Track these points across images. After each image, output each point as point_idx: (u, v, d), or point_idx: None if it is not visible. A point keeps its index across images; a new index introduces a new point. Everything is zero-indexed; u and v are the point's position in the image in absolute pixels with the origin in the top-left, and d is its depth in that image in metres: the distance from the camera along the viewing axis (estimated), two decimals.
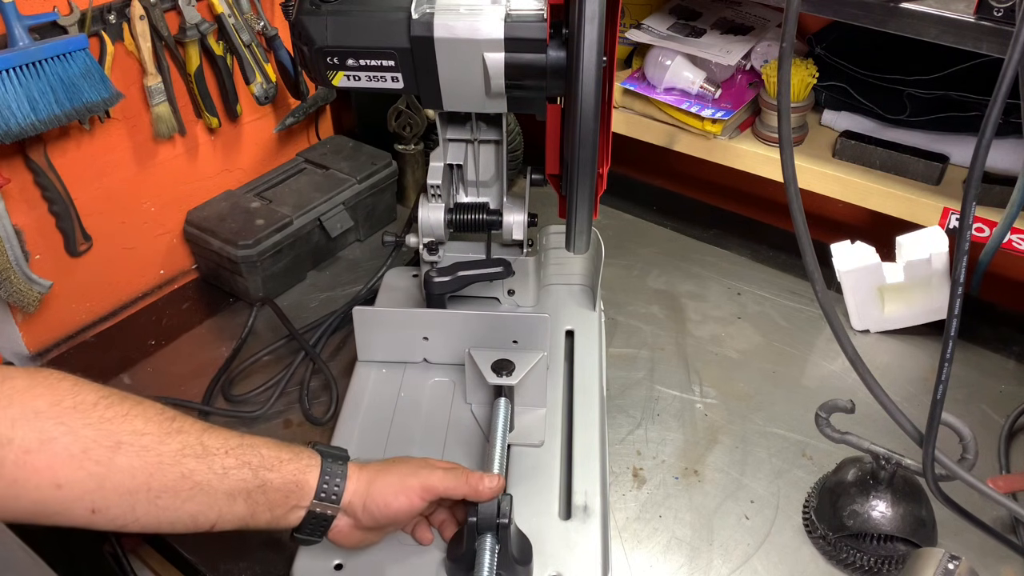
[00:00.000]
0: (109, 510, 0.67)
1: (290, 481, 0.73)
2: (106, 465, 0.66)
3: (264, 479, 0.72)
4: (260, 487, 0.71)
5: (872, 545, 0.85)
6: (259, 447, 0.73)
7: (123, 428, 0.68)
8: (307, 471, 0.74)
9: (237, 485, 0.70)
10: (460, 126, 0.95)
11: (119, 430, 0.67)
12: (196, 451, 0.70)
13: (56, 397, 0.66)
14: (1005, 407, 1.03)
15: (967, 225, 0.64)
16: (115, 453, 0.66)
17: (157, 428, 0.69)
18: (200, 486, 0.69)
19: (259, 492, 0.71)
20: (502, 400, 0.90)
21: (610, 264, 1.14)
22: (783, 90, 0.70)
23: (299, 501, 0.74)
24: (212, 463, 0.70)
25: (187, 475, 0.69)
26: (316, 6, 0.78)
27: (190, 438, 0.70)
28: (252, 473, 0.71)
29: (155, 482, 0.68)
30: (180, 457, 0.69)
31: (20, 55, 0.95)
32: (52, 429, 0.64)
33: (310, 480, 0.74)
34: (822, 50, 1.19)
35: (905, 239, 1.08)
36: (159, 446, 0.68)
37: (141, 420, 0.69)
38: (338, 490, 0.75)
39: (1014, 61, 0.60)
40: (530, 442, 0.93)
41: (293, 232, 1.21)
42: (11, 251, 1.02)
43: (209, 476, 0.69)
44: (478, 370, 0.93)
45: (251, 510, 0.72)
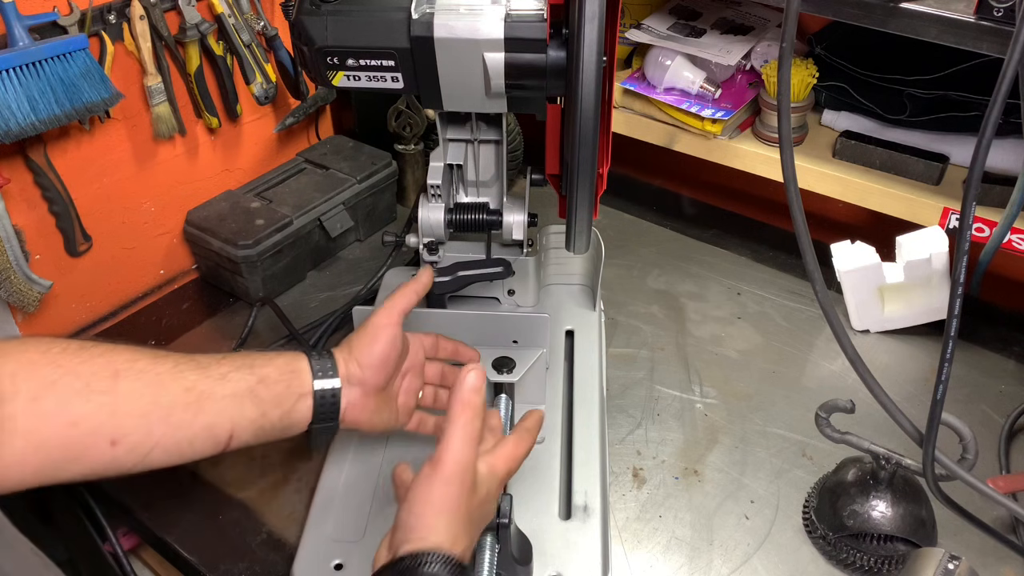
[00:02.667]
0: (128, 437, 0.67)
1: (286, 370, 0.75)
2: (111, 393, 0.67)
3: (262, 374, 0.74)
4: (261, 381, 0.73)
5: (872, 545, 0.85)
6: (250, 354, 0.76)
7: (115, 359, 0.69)
8: (297, 359, 0.77)
9: (239, 385, 0.72)
10: (460, 126, 0.95)
11: (113, 360, 0.69)
12: (190, 365, 0.72)
13: (44, 347, 0.67)
14: (1005, 407, 1.03)
15: (967, 225, 0.64)
16: (116, 380, 0.68)
17: (147, 355, 0.71)
18: (206, 394, 0.71)
19: (262, 387, 0.73)
20: (503, 398, 0.90)
21: (610, 264, 1.14)
22: (783, 90, 0.70)
23: (301, 387, 0.76)
24: (209, 371, 0.72)
25: (190, 387, 0.70)
26: (316, 6, 0.78)
27: (180, 357, 0.73)
28: (249, 371, 0.73)
29: (162, 398, 0.69)
30: (177, 372, 0.71)
31: (20, 55, 0.95)
32: (51, 373, 0.66)
33: (303, 365, 0.76)
34: (822, 50, 1.19)
35: (905, 239, 1.08)
36: (154, 367, 0.70)
37: (128, 352, 0.71)
38: (331, 365, 0.77)
39: (1014, 61, 0.61)
40: None
41: (293, 232, 1.21)
42: (11, 251, 1.02)
43: (210, 383, 0.71)
44: None
45: (260, 409, 0.73)
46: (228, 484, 0.95)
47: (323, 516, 0.86)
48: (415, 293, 0.84)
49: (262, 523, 0.91)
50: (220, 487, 0.95)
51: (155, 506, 0.93)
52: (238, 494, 0.94)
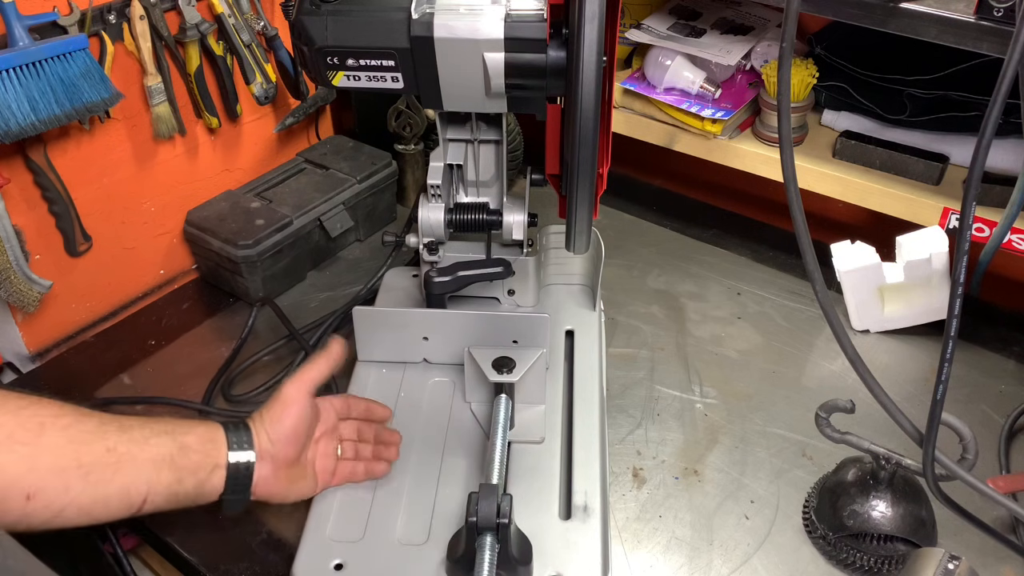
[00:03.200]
0: (44, 492, 0.67)
1: (205, 439, 0.77)
2: (33, 445, 0.67)
3: (182, 442, 0.75)
4: (181, 450, 0.75)
5: (872, 545, 0.85)
6: (170, 420, 0.78)
7: (44, 411, 0.70)
8: (216, 430, 0.79)
9: (160, 451, 0.74)
10: (460, 126, 0.95)
11: (41, 413, 0.69)
12: (115, 426, 0.73)
13: None
14: (1005, 407, 1.03)
15: (967, 225, 0.64)
16: (40, 434, 0.68)
17: (72, 411, 0.72)
18: (126, 457, 0.72)
19: (181, 455, 0.75)
20: (503, 397, 0.91)
21: (610, 264, 1.14)
22: (783, 90, 0.70)
23: (217, 458, 0.77)
24: (132, 434, 0.73)
25: (112, 448, 0.71)
26: (316, 6, 0.78)
27: (105, 416, 0.73)
28: (171, 438, 0.75)
29: (83, 457, 0.69)
30: (101, 432, 0.71)
31: (20, 55, 0.95)
32: None
33: (220, 436, 0.78)
34: (822, 50, 1.19)
35: (905, 239, 1.08)
36: (79, 424, 0.71)
37: (55, 406, 0.71)
38: (247, 436, 0.79)
39: (1014, 61, 0.60)
40: (531, 439, 0.93)
41: (293, 232, 1.21)
42: (11, 251, 1.02)
43: (131, 447, 0.72)
44: (478, 368, 0.93)
45: (177, 476, 0.74)
46: None
47: (323, 516, 0.86)
48: (326, 365, 0.86)
49: (262, 523, 0.91)
50: None
51: None
52: None
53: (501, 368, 0.91)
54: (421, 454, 0.93)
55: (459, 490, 0.88)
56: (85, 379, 1.10)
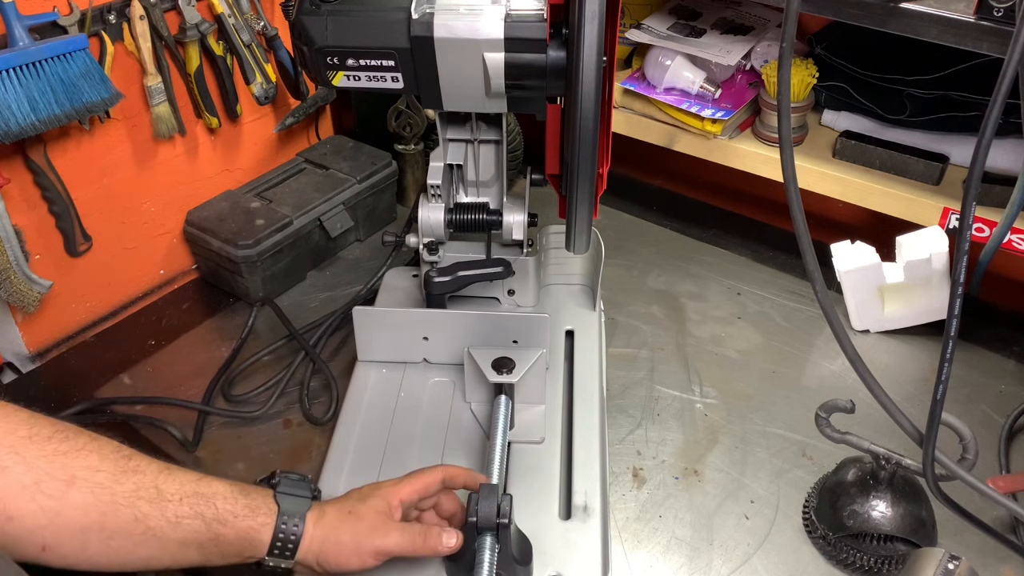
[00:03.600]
0: (60, 547, 0.65)
1: (243, 538, 0.71)
2: (59, 499, 0.64)
3: (217, 532, 0.70)
4: (213, 539, 0.70)
5: (872, 545, 0.85)
6: (215, 498, 0.71)
7: (78, 463, 0.66)
8: (262, 530, 0.72)
9: (190, 535, 0.69)
10: (460, 126, 0.95)
11: (74, 464, 0.65)
12: (150, 494, 0.68)
13: (11, 426, 0.64)
14: (1005, 407, 1.03)
15: (967, 225, 0.64)
16: (69, 488, 0.65)
17: (112, 466, 0.67)
18: (153, 531, 0.67)
19: (212, 544, 0.70)
20: (502, 398, 0.90)
21: (610, 264, 1.14)
22: (783, 90, 0.70)
23: (252, 554, 0.72)
24: (165, 509, 0.68)
25: (140, 519, 0.67)
26: (316, 6, 0.78)
27: (145, 479, 0.68)
28: (205, 525, 0.69)
29: (108, 522, 0.66)
30: (134, 499, 0.67)
31: (20, 55, 0.95)
32: (4, 458, 0.63)
33: (264, 538, 0.72)
34: (822, 50, 1.19)
35: (905, 239, 1.08)
36: (114, 484, 0.67)
37: (96, 456, 0.67)
38: (292, 548, 0.73)
39: (1014, 61, 0.60)
40: (531, 439, 0.93)
41: (293, 232, 1.21)
42: (11, 251, 1.02)
43: (162, 523, 0.68)
44: (478, 368, 0.93)
45: (204, 558, 0.71)
46: None
47: None
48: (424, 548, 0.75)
49: None
50: None
51: None
52: None
53: (501, 368, 0.91)
54: (421, 454, 0.93)
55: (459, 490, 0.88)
56: (85, 379, 1.10)
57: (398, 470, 0.90)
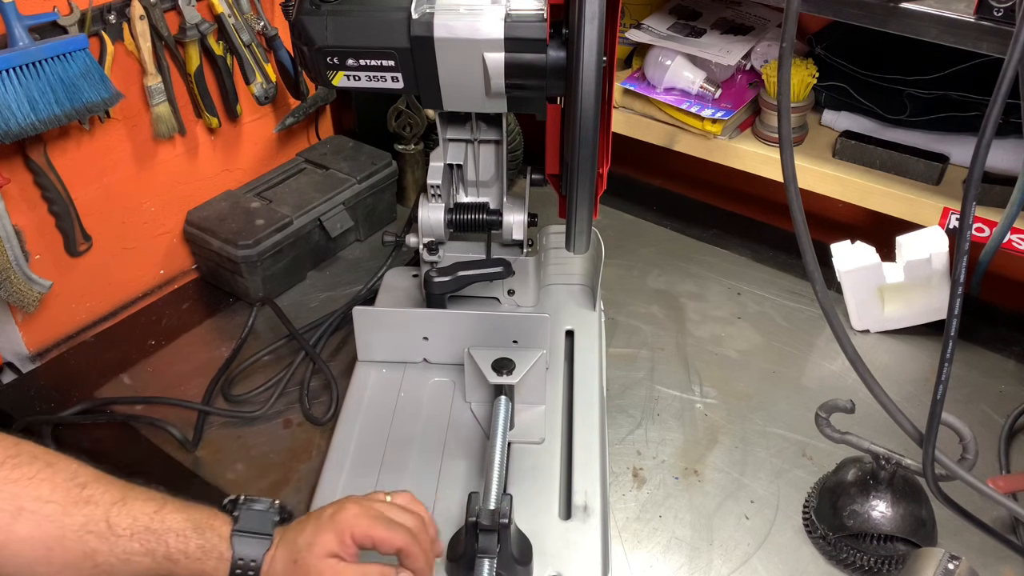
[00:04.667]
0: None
1: (197, 571, 0.68)
2: (5, 532, 0.62)
3: (168, 571, 0.68)
4: (168, 564, 0.67)
5: (872, 545, 0.85)
6: (167, 535, 0.68)
7: (27, 493, 0.64)
8: (220, 562, 0.69)
9: (140, 573, 0.67)
10: (460, 126, 0.95)
11: (23, 494, 0.64)
12: (100, 529, 0.66)
13: None
14: (1005, 407, 1.03)
15: (967, 225, 0.64)
16: (15, 520, 0.63)
17: (63, 496, 0.65)
18: (102, 568, 0.66)
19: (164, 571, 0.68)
20: (502, 399, 0.90)
21: (610, 264, 1.14)
22: (783, 90, 0.70)
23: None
24: (115, 546, 0.66)
25: (89, 555, 0.65)
26: (316, 6, 0.78)
27: (97, 511, 0.66)
28: (155, 563, 0.67)
29: (55, 556, 0.64)
30: (83, 533, 0.65)
31: (20, 55, 0.95)
32: None
33: (222, 568, 0.69)
34: (822, 50, 1.19)
35: (905, 239, 1.08)
36: (63, 517, 0.64)
37: (48, 486, 0.65)
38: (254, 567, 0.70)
39: (1014, 61, 0.60)
40: (530, 439, 0.93)
41: (293, 232, 1.21)
42: (11, 251, 1.02)
43: (111, 559, 0.66)
44: (478, 369, 0.93)
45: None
46: (228, 484, 0.95)
47: None
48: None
49: None
50: (220, 487, 0.95)
51: None
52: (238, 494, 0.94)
53: (501, 370, 0.91)
54: (421, 454, 0.93)
55: (459, 490, 0.88)
56: (85, 379, 1.10)
57: (398, 470, 0.90)
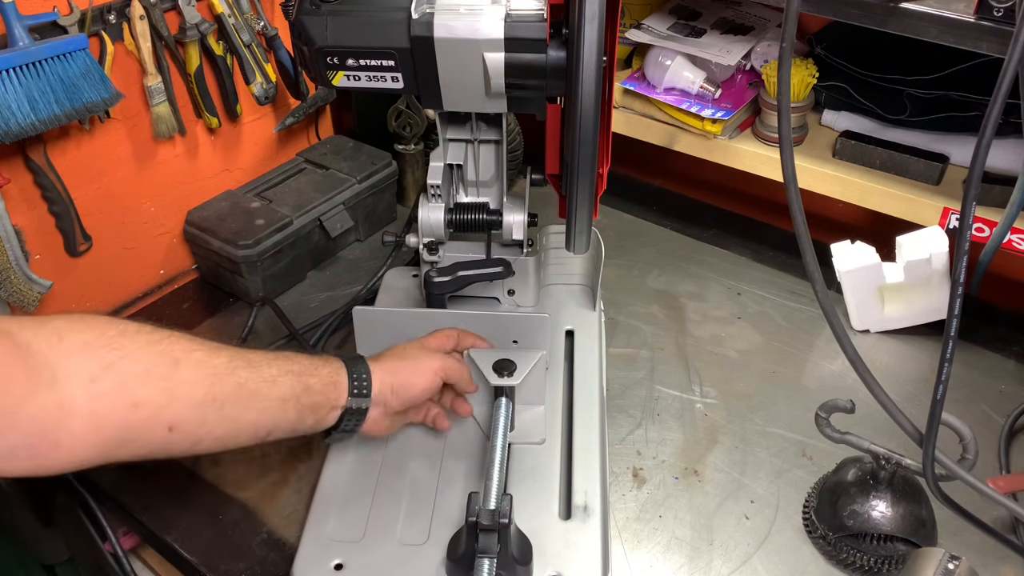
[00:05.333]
0: (185, 424, 0.70)
1: (328, 383, 0.80)
2: (171, 379, 0.69)
3: (307, 383, 0.78)
4: (306, 390, 0.78)
5: (872, 545, 0.85)
6: (295, 358, 0.79)
7: (174, 347, 0.71)
8: (339, 373, 0.81)
9: (286, 391, 0.76)
10: (460, 126, 0.95)
11: (172, 348, 0.70)
12: (243, 362, 0.74)
13: (100, 329, 0.68)
14: (1005, 407, 1.03)
15: (967, 225, 0.64)
16: (176, 368, 0.69)
17: (202, 345, 0.73)
18: (256, 394, 0.74)
19: (305, 395, 0.78)
20: (503, 400, 0.90)
21: (610, 264, 1.14)
22: (783, 90, 0.70)
23: (336, 401, 0.81)
24: (261, 372, 0.75)
25: (243, 383, 0.73)
26: (316, 6, 0.78)
27: (233, 352, 0.75)
28: (296, 379, 0.77)
29: (218, 391, 0.71)
30: (232, 368, 0.73)
31: (20, 55, 0.95)
32: (108, 355, 0.66)
33: (343, 380, 0.81)
34: (822, 50, 1.19)
35: (905, 239, 1.08)
36: (211, 359, 0.72)
37: (185, 340, 0.72)
38: (367, 384, 0.82)
39: (1014, 61, 0.60)
40: (531, 440, 0.93)
41: (293, 232, 1.21)
42: (11, 251, 1.02)
43: (261, 384, 0.75)
44: (478, 370, 0.93)
45: (300, 414, 0.78)
46: (228, 484, 0.95)
47: (323, 516, 0.86)
48: (468, 383, 0.92)
49: (262, 523, 0.91)
50: (220, 487, 0.95)
51: (155, 506, 0.93)
52: (238, 494, 0.94)
53: (502, 371, 0.91)
54: (421, 455, 0.93)
55: (459, 490, 0.88)
56: None
57: (398, 470, 0.91)
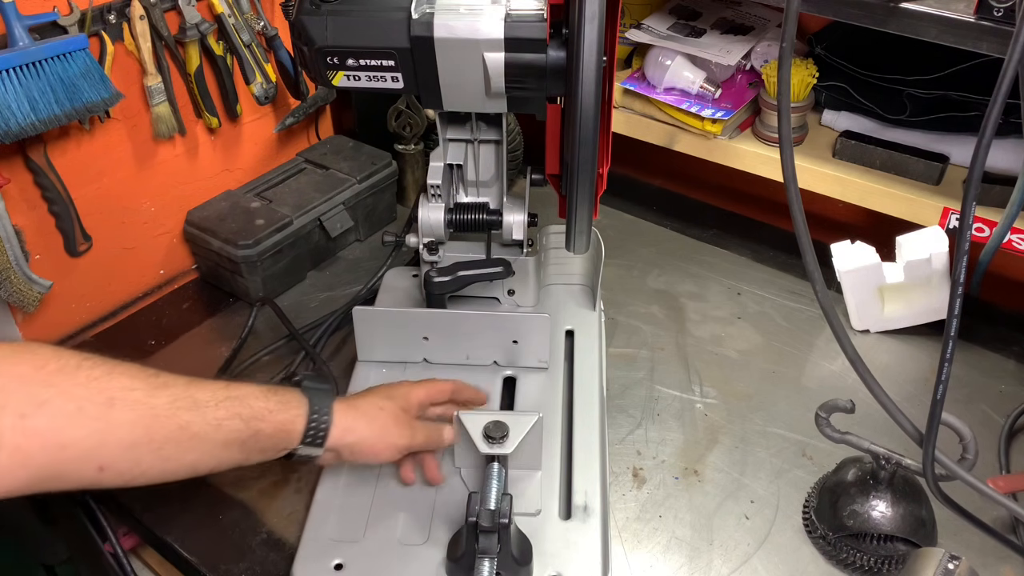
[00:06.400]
0: (116, 465, 0.69)
1: (280, 430, 0.77)
2: (104, 420, 0.67)
3: (256, 429, 0.76)
4: (253, 436, 0.75)
5: (872, 545, 0.85)
6: (248, 399, 0.76)
7: (112, 385, 0.69)
8: (295, 421, 0.78)
9: (231, 436, 0.74)
10: (460, 126, 0.95)
11: (109, 387, 0.69)
12: (187, 403, 0.72)
13: (39, 362, 0.67)
14: (1005, 407, 1.03)
15: (967, 225, 0.64)
16: (110, 409, 0.68)
17: (144, 384, 0.71)
18: (198, 436, 0.72)
19: (252, 441, 0.76)
20: (495, 466, 0.83)
21: (610, 264, 1.14)
22: (783, 90, 0.70)
23: (287, 445, 0.79)
24: (204, 415, 0.73)
25: (184, 427, 0.71)
26: (316, 6, 0.78)
27: (178, 391, 0.72)
28: (244, 424, 0.75)
29: (155, 433, 0.70)
30: (173, 409, 0.71)
31: (20, 55, 0.95)
32: (42, 392, 0.65)
33: (297, 428, 0.78)
34: (822, 50, 1.19)
35: (905, 239, 1.08)
36: (150, 399, 0.70)
37: (127, 377, 0.70)
38: (323, 435, 0.80)
39: (1014, 61, 0.60)
40: (526, 511, 0.86)
41: (293, 232, 1.21)
42: (11, 251, 1.02)
43: (204, 427, 0.72)
44: (468, 436, 0.84)
45: (245, 455, 0.76)
46: (228, 484, 0.95)
47: (323, 516, 0.86)
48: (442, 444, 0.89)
49: (262, 523, 0.91)
50: (220, 487, 0.95)
51: (155, 506, 0.92)
52: (238, 494, 0.94)
53: (493, 437, 0.83)
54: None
55: (459, 490, 0.88)
56: None
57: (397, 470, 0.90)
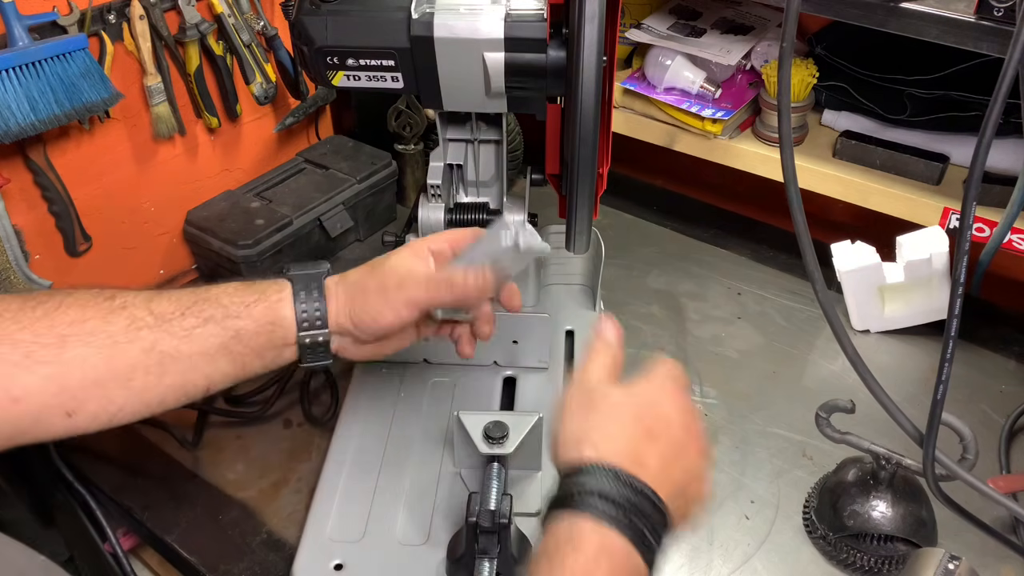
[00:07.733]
0: (85, 407, 0.62)
1: (265, 322, 0.67)
2: (57, 363, 0.60)
3: (235, 328, 0.66)
4: (235, 337, 0.66)
5: (872, 545, 0.85)
6: (219, 298, 0.67)
7: (60, 320, 0.62)
8: (279, 306, 0.68)
9: (208, 343, 0.65)
10: (460, 126, 0.95)
11: (57, 324, 0.61)
12: (148, 321, 0.64)
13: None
14: (1005, 407, 1.03)
15: (967, 225, 0.64)
16: (62, 348, 0.61)
17: (96, 311, 0.63)
18: (168, 355, 0.64)
19: (236, 342, 0.66)
20: (495, 466, 0.82)
21: (610, 264, 1.14)
22: (783, 90, 0.70)
23: (284, 339, 0.69)
24: (170, 329, 0.64)
25: (149, 348, 0.63)
26: (316, 6, 0.78)
27: (137, 311, 0.64)
28: (219, 327, 0.66)
29: (119, 363, 0.62)
30: (133, 332, 0.63)
31: (20, 55, 0.95)
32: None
33: (286, 313, 0.68)
34: (822, 50, 1.19)
35: (905, 239, 1.08)
36: (106, 326, 0.63)
37: (76, 308, 0.63)
38: (320, 315, 0.69)
39: (1014, 61, 0.60)
40: (527, 511, 0.85)
41: (293, 232, 1.21)
42: (11, 251, 1.02)
43: (173, 342, 0.64)
44: (467, 436, 0.84)
45: (239, 362, 0.67)
46: (228, 484, 0.95)
47: (323, 516, 0.86)
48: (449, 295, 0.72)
49: (262, 523, 0.91)
50: (220, 487, 0.95)
51: (155, 506, 0.93)
52: (238, 494, 0.94)
53: (493, 437, 0.82)
54: (421, 454, 0.93)
55: (459, 490, 0.88)
56: None
57: (398, 470, 0.90)
